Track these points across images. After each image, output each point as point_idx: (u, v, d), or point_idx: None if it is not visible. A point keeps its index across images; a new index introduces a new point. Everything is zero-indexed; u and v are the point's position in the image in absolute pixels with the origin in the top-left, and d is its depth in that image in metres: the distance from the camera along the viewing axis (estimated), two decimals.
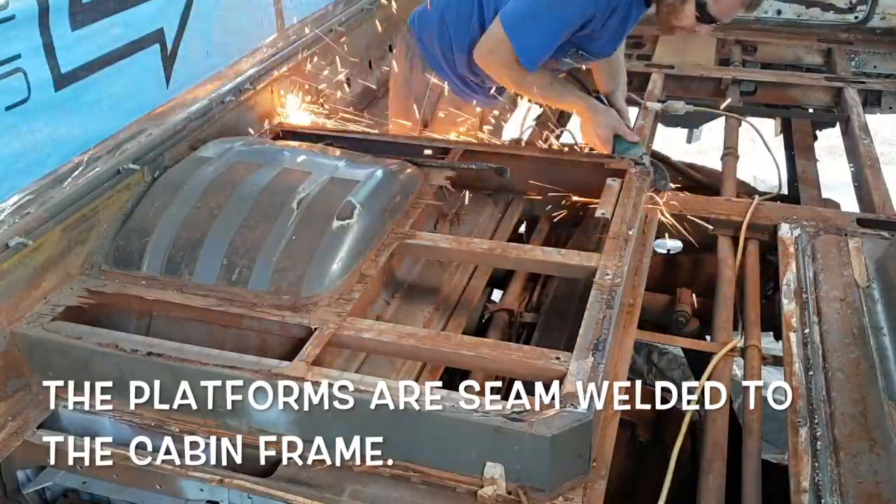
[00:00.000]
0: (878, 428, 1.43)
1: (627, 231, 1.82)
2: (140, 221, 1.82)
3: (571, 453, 1.34)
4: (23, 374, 1.61)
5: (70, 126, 1.83)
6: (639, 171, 2.06)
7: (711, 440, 1.57)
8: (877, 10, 3.44)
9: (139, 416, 1.55)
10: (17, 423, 1.55)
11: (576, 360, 1.44)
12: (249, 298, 1.66)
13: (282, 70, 2.55)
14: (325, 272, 1.68)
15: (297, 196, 1.80)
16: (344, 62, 2.90)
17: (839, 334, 1.66)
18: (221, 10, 2.32)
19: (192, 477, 1.42)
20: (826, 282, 1.81)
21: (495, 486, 1.33)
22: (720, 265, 2.08)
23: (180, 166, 1.98)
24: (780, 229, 2.08)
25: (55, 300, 1.69)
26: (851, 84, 3.00)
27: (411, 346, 1.54)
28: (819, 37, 3.49)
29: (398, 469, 1.41)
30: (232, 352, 1.53)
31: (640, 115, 2.76)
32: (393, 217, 1.89)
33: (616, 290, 1.62)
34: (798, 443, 1.46)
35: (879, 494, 1.33)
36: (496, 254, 1.84)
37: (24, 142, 1.71)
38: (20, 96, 1.69)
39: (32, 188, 1.73)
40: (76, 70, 1.83)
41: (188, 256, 1.73)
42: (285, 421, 1.46)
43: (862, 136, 2.64)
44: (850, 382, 1.53)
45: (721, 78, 3.10)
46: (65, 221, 1.73)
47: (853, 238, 1.98)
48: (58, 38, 1.75)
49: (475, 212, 2.28)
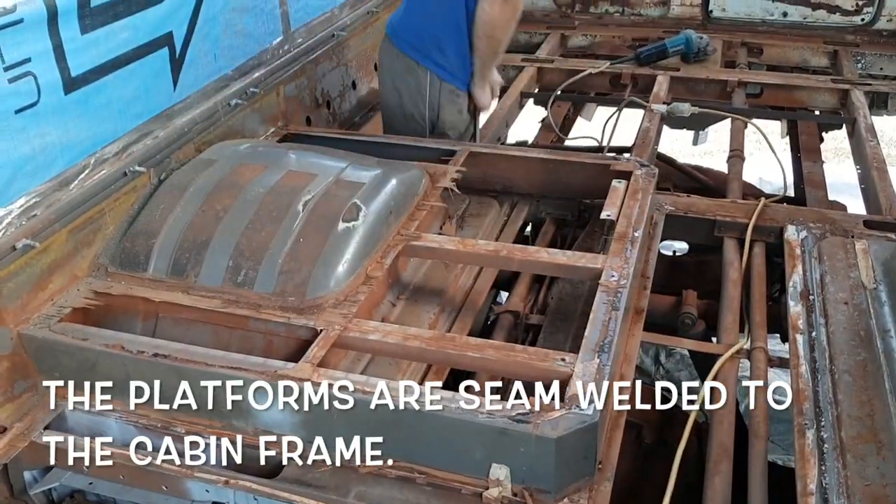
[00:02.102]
0: (885, 430, 1.43)
1: (633, 233, 1.82)
2: (146, 223, 1.83)
3: (577, 455, 1.34)
4: (30, 375, 1.62)
5: (79, 129, 1.83)
6: (645, 173, 2.06)
7: (717, 442, 1.57)
8: (883, 12, 3.43)
9: (145, 417, 1.55)
10: (24, 423, 1.56)
11: (581, 362, 1.44)
12: (255, 300, 1.67)
13: (288, 73, 2.56)
14: (331, 274, 1.69)
15: (302, 198, 1.80)
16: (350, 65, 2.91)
17: (846, 336, 1.65)
18: (229, 14, 2.33)
19: (198, 478, 1.43)
20: (833, 284, 1.81)
21: (501, 487, 1.33)
22: (726, 267, 2.08)
23: (186, 169, 1.99)
24: (786, 231, 2.08)
25: (62, 302, 1.69)
26: (858, 86, 2.99)
27: (417, 347, 1.55)
28: (825, 39, 3.48)
29: (403, 470, 1.41)
30: (238, 353, 1.54)
31: (645, 117, 2.76)
32: (398, 219, 1.89)
33: (622, 292, 1.62)
34: (805, 445, 1.46)
35: (887, 497, 1.32)
36: (501, 255, 1.84)
37: (33, 145, 1.72)
38: (30, 100, 1.69)
39: (39, 190, 1.73)
40: (86, 73, 1.84)
41: (194, 258, 1.74)
42: (292, 422, 1.46)
43: (868, 137, 2.63)
44: (856, 385, 1.53)
45: (727, 80, 3.09)
46: (71, 223, 1.74)
47: (860, 240, 1.97)
48: (67, 41, 1.76)
49: (480, 213, 2.28)
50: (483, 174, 2.27)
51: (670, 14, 3.68)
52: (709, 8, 3.64)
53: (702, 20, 3.63)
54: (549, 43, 3.56)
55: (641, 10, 3.74)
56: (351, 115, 2.92)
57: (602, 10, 3.79)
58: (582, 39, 3.68)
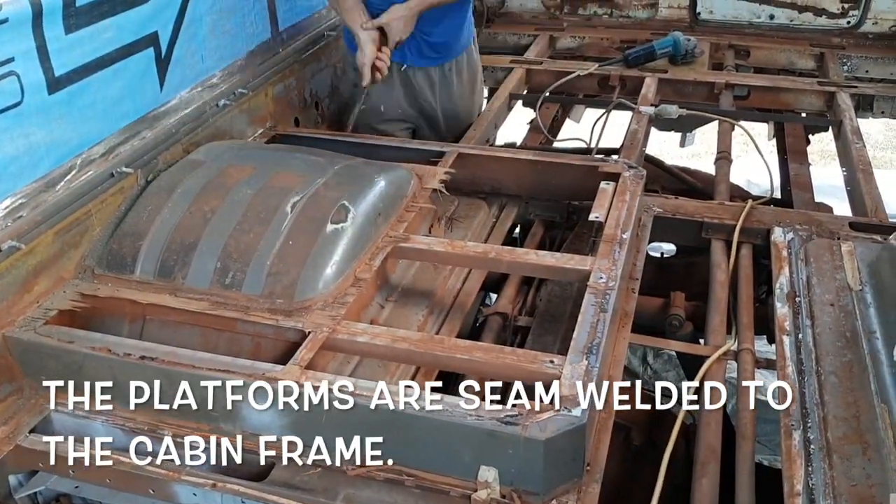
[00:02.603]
0: (870, 431, 1.44)
1: (621, 234, 1.82)
2: (133, 225, 1.81)
3: (565, 457, 1.34)
4: (15, 378, 1.60)
5: (64, 129, 1.82)
6: (633, 175, 2.06)
7: (705, 443, 1.57)
8: (869, 15, 3.46)
9: (132, 420, 1.54)
10: (8, 427, 1.54)
11: (570, 364, 1.44)
12: (243, 302, 1.66)
13: (276, 73, 2.55)
14: (319, 276, 1.68)
15: (291, 199, 1.80)
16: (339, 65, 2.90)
17: (832, 338, 1.66)
18: (216, 14, 2.32)
19: (185, 481, 1.42)
20: (819, 285, 1.82)
21: (489, 489, 1.33)
22: (713, 269, 2.09)
23: (174, 170, 1.98)
24: (773, 233, 2.09)
25: (48, 304, 1.68)
26: (844, 88, 3.01)
27: (405, 349, 1.54)
28: (811, 41, 3.50)
29: (392, 473, 1.40)
30: (226, 356, 1.53)
31: (633, 119, 2.77)
32: (387, 220, 1.89)
33: (610, 294, 1.62)
34: (791, 446, 1.46)
35: (872, 497, 1.33)
36: (490, 257, 1.84)
37: (17, 145, 1.70)
38: (13, 99, 1.68)
39: (25, 191, 1.72)
40: (70, 73, 1.82)
41: (182, 260, 1.73)
42: (280, 425, 1.46)
43: (854, 140, 2.65)
44: (842, 386, 1.54)
45: (714, 82, 3.10)
46: (58, 225, 1.73)
47: (846, 242, 1.98)
48: (51, 41, 1.75)
49: (469, 215, 2.28)
50: (472, 175, 2.27)
51: (658, 16, 3.70)
52: (696, 10, 3.66)
53: (689, 22, 3.65)
54: (538, 44, 3.57)
55: (629, 12, 3.75)
56: (340, 116, 2.91)
57: (590, 12, 3.80)
58: (570, 41, 3.69)
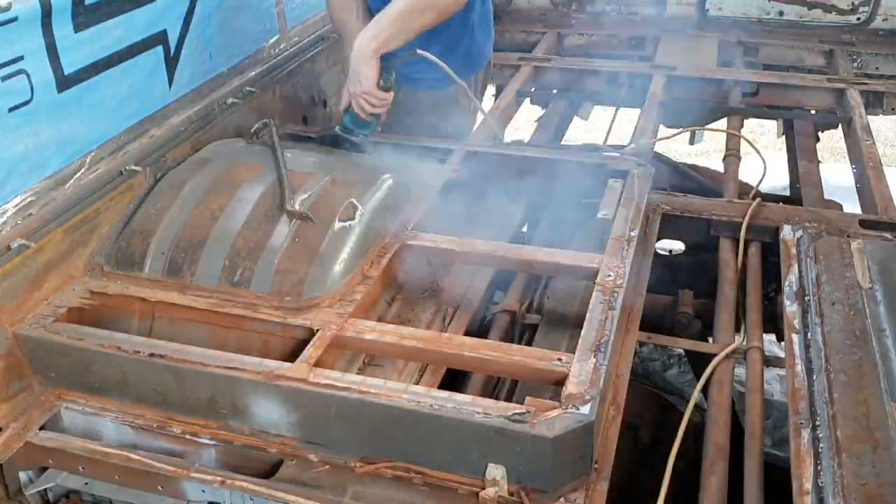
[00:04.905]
0: (880, 429, 1.43)
1: (629, 232, 1.82)
2: (142, 223, 1.82)
3: (573, 455, 1.34)
4: (25, 375, 1.61)
5: (73, 128, 1.83)
6: (641, 172, 2.06)
7: (713, 442, 1.57)
8: (879, 12, 3.43)
9: (141, 417, 1.55)
10: (19, 424, 1.55)
11: (578, 362, 1.44)
12: (251, 300, 1.67)
13: (284, 72, 2.56)
14: (327, 273, 1.68)
15: (299, 197, 1.80)
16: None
17: (841, 336, 1.65)
18: (224, 12, 2.33)
19: (194, 478, 1.42)
20: (828, 283, 1.81)
21: (497, 487, 1.33)
22: (722, 266, 2.08)
23: (182, 167, 1.99)
24: (782, 231, 2.08)
25: (57, 301, 1.69)
26: (853, 85, 2.99)
27: (413, 347, 1.55)
28: (821, 38, 3.48)
29: (400, 470, 1.40)
30: (234, 353, 1.53)
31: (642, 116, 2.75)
32: (395, 218, 1.89)
33: (618, 292, 1.62)
34: (800, 444, 1.46)
35: (882, 496, 1.32)
36: (498, 255, 1.84)
37: (26, 144, 1.71)
38: (23, 98, 1.69)
39: (35, 189, 1.73)
40: (79, 71, 1.83)
41: (190, 258, 1.73)
42: (288, 422, 1.46)
43: (864, 137, 2.63)
44: (852, 384, 1.53)
45: (723, 79, 3.09)
46: (67, 223, 1.74)
47: (855, 240, 1.97)
48: (61, 39, 1.76)
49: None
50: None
51: (667, 13, 3.69)
52: (705, 7, 3.64)
53: (697, 19, 3.63)
54: (546, 42, 3.56)
55: (638, 9, 3.74)
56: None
57: (598, 9, 3.79)
58: (578, 38, 3.68)
